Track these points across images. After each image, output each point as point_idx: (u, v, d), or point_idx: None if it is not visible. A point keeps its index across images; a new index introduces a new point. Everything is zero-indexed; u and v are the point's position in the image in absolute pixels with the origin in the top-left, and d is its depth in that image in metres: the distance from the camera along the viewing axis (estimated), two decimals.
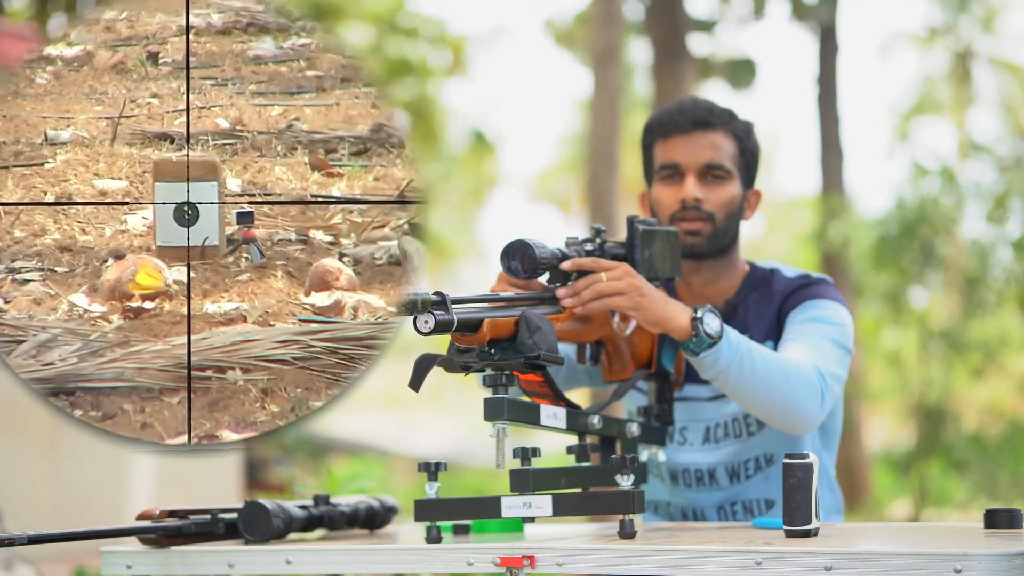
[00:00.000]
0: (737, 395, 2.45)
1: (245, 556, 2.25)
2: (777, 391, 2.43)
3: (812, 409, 2.46)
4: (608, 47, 9.20)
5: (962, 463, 9.66)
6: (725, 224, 2.67)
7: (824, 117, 11.66)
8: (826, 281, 2.71)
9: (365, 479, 4.18)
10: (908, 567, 1.88)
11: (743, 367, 2.41)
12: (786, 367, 2.45)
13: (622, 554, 2.06)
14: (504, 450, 2.20)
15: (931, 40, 16.11)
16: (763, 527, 2.28)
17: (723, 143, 2.68)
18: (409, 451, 14.39)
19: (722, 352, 2.39)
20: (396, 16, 13.70)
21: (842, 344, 2.59)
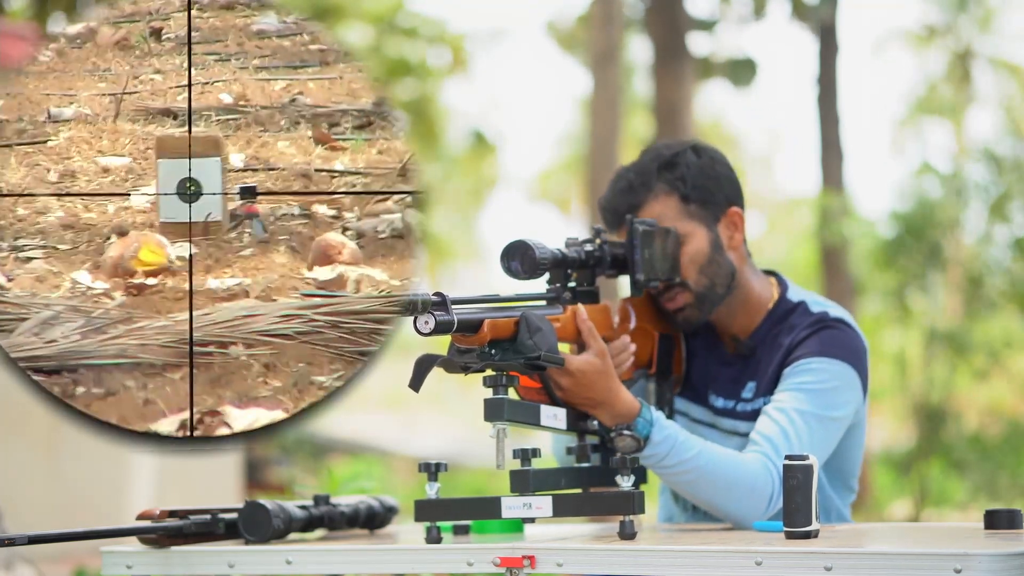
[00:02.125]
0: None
1: (245, 556, 2.25)
2: (709, 497, 2.38)
3: (752, 514, 2.37)
4: (608, 47, 9.20)
5: (962, 463, 9.67)
6: (706, 280, 2.54)
7: (824, 117, 11.66)
8: (839, 328, 2.55)
9: (365, 479, 4.18)
10: (908, 567, 1.88)
11: (667, 474, 2.37)
12: (727, 475, 2.36)
13: (622, 554, 2.06)
14: (504, 451, 2.20)
15: (930, 40, 16.11)
16: (763, 530, 2.28)
17: (660, 208, 2.54)
18: (409, 451, 14.38)
19: (643, 460, 2.35)
20: (396, 16, 13.69)
21: (828, 417, 2.47)
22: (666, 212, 2.55)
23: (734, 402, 2.61)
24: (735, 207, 2.60)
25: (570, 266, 2.44)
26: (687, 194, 2.56)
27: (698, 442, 2.37)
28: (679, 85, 9.69)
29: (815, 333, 2.54)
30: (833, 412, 2.49)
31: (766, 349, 2.59)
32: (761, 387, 2.57)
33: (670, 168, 2.57)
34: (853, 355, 2.54)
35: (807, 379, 2.49)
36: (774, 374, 2.55)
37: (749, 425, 2.54)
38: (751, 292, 2.63)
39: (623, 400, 2.35)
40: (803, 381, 2.49)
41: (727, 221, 2.59)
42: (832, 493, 2.62)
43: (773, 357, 2.57)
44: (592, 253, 2.45)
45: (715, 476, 2.36)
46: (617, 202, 2.57)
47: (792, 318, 2.59)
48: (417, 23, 13.81)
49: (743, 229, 2.61)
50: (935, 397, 9.63)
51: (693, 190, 2.56)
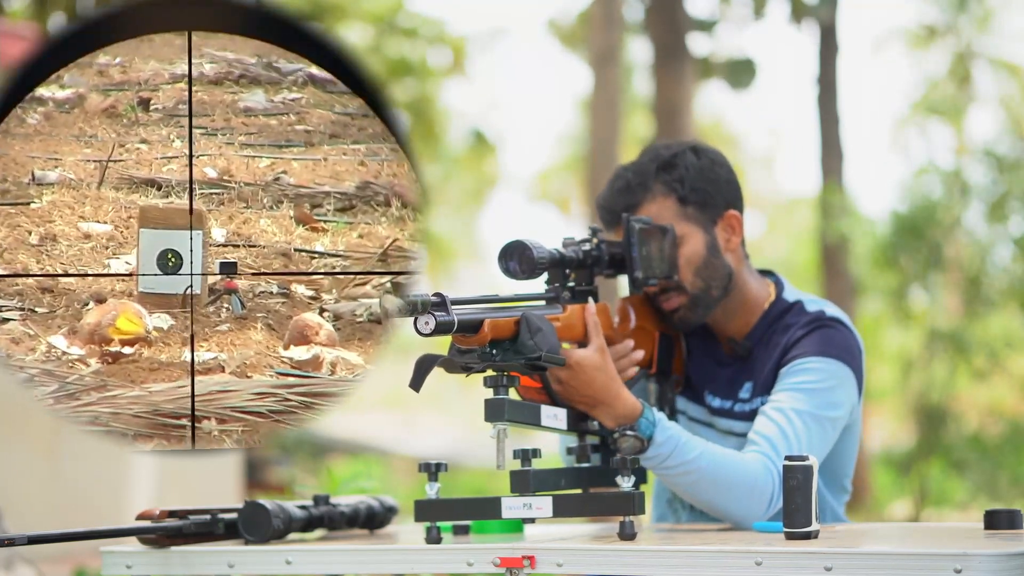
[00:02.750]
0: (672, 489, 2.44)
1: (245, 556, 2.25)
2: (709, 498, 2.38)
3: (752, 514, 2.37)
4: (608, 47, 9.20)
5: (962, 463, 9.66)
6: (701, 283, 2.54)
7: (824, 117, 11.67)
8: (835, 328, 2.56)
9: (365, 479, 4.18)
10: (908, 567, 1.88)
11: (669, 475, 2.37)
12: (728, 475, 2.36)
13: (622, 555, 2.06)
14: (505, 451, 2.20)
15: (930, 40, 16.11)
16: (763, 530, 2.28)
17: (657, 209, 2.54)
18: (409, 451, 14.38)
19: (645, 461, 2.35)
20: (396, 16, 13.70)
21: (825, 417, 2.47)
22: (663, 213, 2.54)
23: (731, 402, 2.61)
24: (733, 210, 2.59)
25: (568, 266, 2.43)
26: (685, 196, 2.55)
27: (699, 443, 2.37)
28: (679, 85, 9.70)
29: (811, 332, 2.54)
30: (830, 412, 2.48)
31: (762, 349, 2.59)
32: (758, 387, 2.57)
33: (669, 169, 2.56)
34: (849, 355, 2.54)
35: (804, 379, 2.49)
36: (771, 374, 2.55)
37: (745, 425, 2.54)
38: (748, 294, 2.62)
39: (624, 400, 2.35)
40: (800, 381, 2.49)
41: (724, 224, 2.58)
42: (827, 493, 2.62)
43: (770, 357, 2.57)
44: (590, 252, 2.45)
45: (716, 477, 2.36)
46: (614, 201, 2.57)
47: (788, 317, 2.59)
48: (417, 23, 13.82)
49: (741, 232, 2.60)
50: (935, 397, 9.63)
51: (691, 192, 2.55)
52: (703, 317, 2.58)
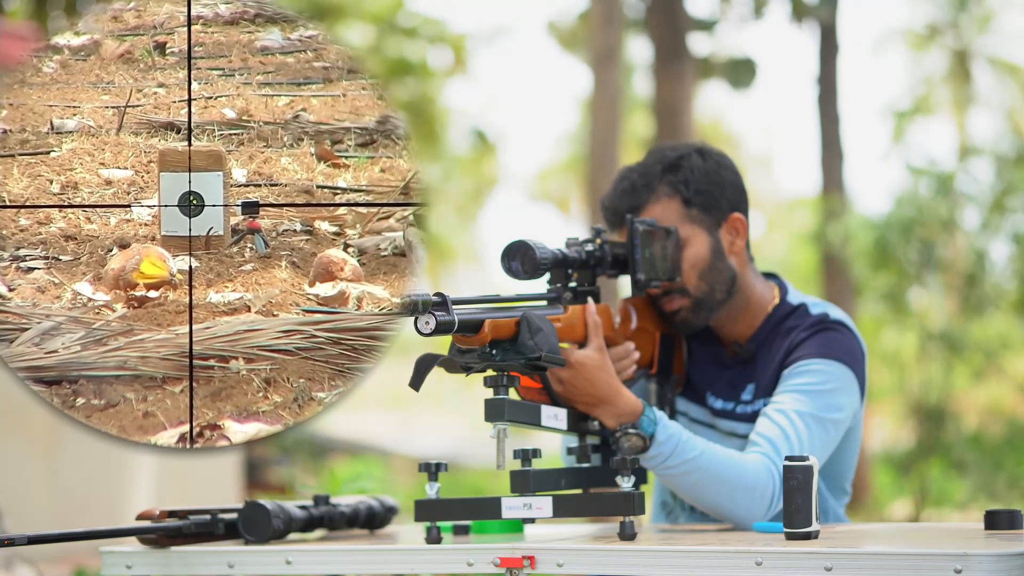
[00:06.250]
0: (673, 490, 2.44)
1: (245, 556, 2.25)
2: (710, 498, 2.37)
3: (753, 515, 2.37)
4: (608, 47, 9.19)
5: (962, 463, 9.66)
6: (704, 286, 2.54)
7: (824, 117, 11.66)
8: (839, 330, 2.55)
9: (365, 479, 4.17)
10: (908, 567, 1.88)
11: (670, 475, 2.37)
12: (729, 475, 2.36)
13: (622, 555, 2.06)
14: (505, 451, 2.20)
15: (930, 39, 16.12)
16: (763, 530, 2.28)
17: (661, 211, 2.54)
18: (409, 451, 14.38)
19: (647, 460, 2.36)
20: (396, 16, 13.70)
21: (826, 419, 2.46)
22: (667, 215, 2.54)
23: (733, 404, 2.61)
24: (738, 213, 2.59)
25: (571, 266, 2.43)
26: (689, 198, 2.55)
27: (700, 442, 2.37)
28: (679, 85, 9.69)
29: (815, 335, 2.54)
30: (832, 414, 2.48)
31: (766, 351, 2.59)
32: (760, 389, 2.57)
33: (674, 171, 2.56)
34: (852, 358, 2.53)
35: (807, 380, 2.49)
36: (774, 375, 2.55)
37: (747, 427, 2.54)
38: (752, 297, 2.62)
39: (625, 399, 2.35)
40: (803, 382, 2.49)
41: (729, 227, 2.58)
42: (828, 495, 2.62)
43: (773, 359, 2.57)
44: (593, 253, 2.45)
45: (717, 477, 2.36)
46: (619, 202, 2.57)
47: (792, 320, 2.59)
48: (417, 23, 13.82)
49: (745, 235, 2.60)
50: (934, 397, 9.63)
51: (696, 194, 2.55)
52: (705, 320, 2.58)
